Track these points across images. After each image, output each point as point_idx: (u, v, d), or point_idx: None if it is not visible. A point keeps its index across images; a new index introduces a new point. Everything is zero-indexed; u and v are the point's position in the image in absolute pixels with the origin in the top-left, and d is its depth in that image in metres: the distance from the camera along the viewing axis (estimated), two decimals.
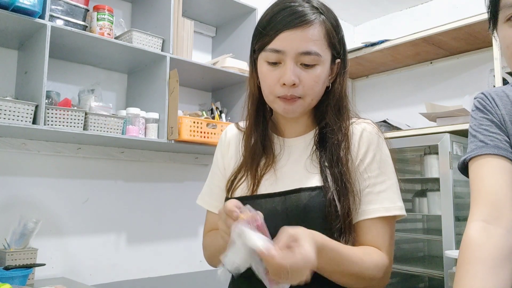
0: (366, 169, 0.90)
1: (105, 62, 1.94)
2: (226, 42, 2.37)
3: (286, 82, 0.86)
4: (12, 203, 1.68)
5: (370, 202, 0.88)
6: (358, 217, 0.88)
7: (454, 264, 1.96)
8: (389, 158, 0.93)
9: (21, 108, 1.45)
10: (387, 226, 0.88)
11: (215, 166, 1.07)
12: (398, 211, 0.88)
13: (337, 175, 0.88)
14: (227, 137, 1.06)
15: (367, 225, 0.88)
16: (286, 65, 0.87)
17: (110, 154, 1.95)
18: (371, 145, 0.92)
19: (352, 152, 0.91)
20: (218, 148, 1.07)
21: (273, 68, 0.89)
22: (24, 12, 1.45)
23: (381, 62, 2.79)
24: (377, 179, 0.90)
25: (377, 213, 0.87)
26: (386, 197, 0.89)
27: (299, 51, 0.86)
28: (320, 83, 0.89)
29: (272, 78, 0.89)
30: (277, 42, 0.87)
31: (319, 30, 0.87)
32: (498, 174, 0.72)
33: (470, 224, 0.71)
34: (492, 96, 0.80)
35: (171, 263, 2.13)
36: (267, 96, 0.93)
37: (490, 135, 0.76)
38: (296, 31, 0.85)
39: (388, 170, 0.91)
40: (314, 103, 0.92)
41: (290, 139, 0.98)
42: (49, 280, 1.65)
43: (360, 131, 0.93)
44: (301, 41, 0.85)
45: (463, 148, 2.17)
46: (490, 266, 0.64)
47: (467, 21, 2.13)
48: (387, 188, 0.90)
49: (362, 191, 0.89)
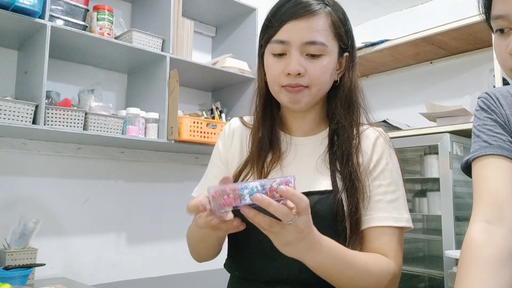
0: (379, 177, 0.89)
1: (105, 62, 1.93)
2: (226, 42, 2.36)
3: (291, 71, 0.85)
4: (12, 203, 1.68)
5: (380, 210, 0.87)
6: (367, 224, 0.87)
7: (454, 264, 1.96)
8: (399, 169, 0.92)
9: (21, 108, 1.45)
10: (396, 236, 0.87)
11: (214, 157, 1.04)
12: (405, 223, 0.87)
13: (347, 174, 0.87)
14: (231, 129, 1.03)
15: (376, 233, 0.86)
16: (291, 55, 0.85)
17: (110, 154, 1.94)
18: (384, 153, 0.91)
19: (364, 155, 0.90)
20: (220, 139, 1.04)
21: (279, 59, 0.87)
22: (24, 12, 1.45)
23: (381, 62, 2.79)
24: (388, 188, 0.89)
25: (386, 222, 0.86)
26: (395, 207, 0.88)
27: (304, 40, 0.85)
28: (327, 73, 0.87)
29: (277, 68, 0.87)
30: (282, 33, 0.86)
31: (324, 20, 0.86)
32: (501, 175, 0.72)
33: (472, 224, 0.70)
34: (497, 96, 0.80)
35: (171, 263, 2.13)
36: (272, 87, 0.91)
37: (494, 135, 0.76)
38: (300, 21, 0.85)
39: (399, 181, 0.91)
40: (321, 94, 0.90)
41: (297, 138, 0.96)
42: (49, 280, 1.65)
43: (375, 138, 0.92)
44: (306, 31, 0.84)
45: (463, 148, 2.17)
46: (492, 266, 0.64)
47: (467, 21, 2.13)
48: (397, 198, 0.89)
49: (372, 198, 0.88)
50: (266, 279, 0.87)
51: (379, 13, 3.12)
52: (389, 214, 0.87)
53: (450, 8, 2.67)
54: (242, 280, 0.93)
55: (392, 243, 0.86)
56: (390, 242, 0.86)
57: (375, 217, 0.86)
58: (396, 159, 0.93)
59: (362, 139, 0.92)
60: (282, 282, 0.86)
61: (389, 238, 0.86)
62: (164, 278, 2.09)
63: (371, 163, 0.90)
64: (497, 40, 0.70)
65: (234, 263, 0.95)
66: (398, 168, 0.92)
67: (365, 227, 0.87)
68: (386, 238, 0.86)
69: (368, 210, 0.87)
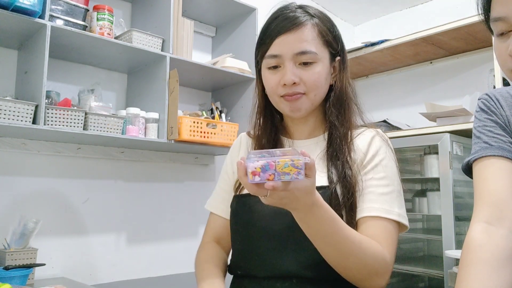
0: (372, 170, 0.92)
1: (105, 62, 1.93)
2: (226, 42, 2.36)
3: (286, 82, 0.91)
4: (12, 203, 1.68)
5: (370, 201, 0.89)
6: (359, 214, 0.89)
7: (454, 264, 1.96)
8: (395, 167, 0.95)
9: (21, 108, 1.45)
10: (388, 228, 0.88)
11: (223, 171, 1.11)
12: (397, 217, 0.88)
13: (339, 167, 0.90)
14: (239, 142, 1.11)
15: (367, 223, 0.88)
16: (285, 67, 0.91)
17: (110, 154, 1.95)
18: (380, 150, 0.94)
19: (359, 153, 0.93)
20: (229, 154, 1.12)
21: (274, 72, 0.94)
22: (24, 12, 1.45)
23: (381, 62, 2.79)
24: (381, 182, 0.91)
25: (376, 212, 0.87)
26: (387, 200, 0.89)
27: (295, 52, 0.90)
28: (321, 79, 0.93)
29: (274, 80, 0.93)
30: (274, 47, 0.92)
31: (311, 30, 0.92)
32: (502, 176, 0.72)
33: (472, 225, 0.71)
34: (497, 97, 0.80)
35: (171, 263, 2.13)
36: (272, 98, 0.97)
37: (494, 137, 0.76)
38: (289, 35, 0.91)
39: (393, 177, 0.93)
40: (318, 98, 0.95)
41: (299, 141, 1.01)
42: (49, 280, 1.65)
43: (371, 136, 0.96)
44: (295, 42, 0.91)
45: (463, 148, 2.17)
46: (492, 267, 0.64)
47: (467, 21, 2.13)
48: (390, 192, 0.90)
49: (364, 190, 0.90)
50: (266, 275, 0.89)
51: (379, 13, 3.12)
52: (379, 206, 0.88)
53: (450, 8, 2.67)
54: (243, 278, 0.95)
55: (383, 235, 0.86)
56: (381, 234, 0.86)
57: (365, 208, 0.89)
58: (393, 156, 0.96)
59: (358, 138, 0.96)
60: (282, 278, 0.88)
61: (380, 229, 0.87)
62: (164, 278, 2.09)
63: (365, 159, 0.93)
64: (497, 42, 0.70)
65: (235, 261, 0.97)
66: (394, 165, 0.95)
67: (357, 218, 0.89)
68: (377, 229, 0.87)
69: (360, 202, 0.89)
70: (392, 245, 0.88)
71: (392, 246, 0.88)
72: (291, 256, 0.87)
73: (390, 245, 0.87)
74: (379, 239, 0.86)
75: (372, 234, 0.86)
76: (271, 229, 0.89)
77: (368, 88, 3.08)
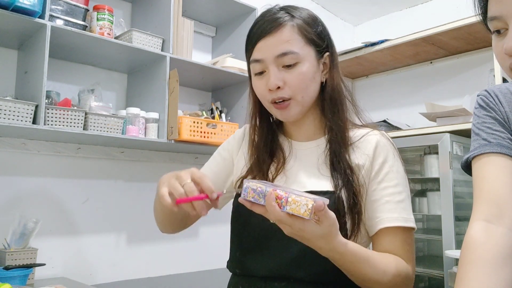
0: (385, 179, 0.91)
1: (105, 62, 1.93)
2: (226, 42, 2.36)
3: (270, 86, 0.90)
4: (12, 203, 1.68)
5: (389, 211, 0.88)
6: (378, 225, 0.88)
7: (454, 264, 1.96)
8: (404, 171, 0.94)
9: (21, 108, 1.45)
10: (409, 239, 0.89)
11: (217, 153, 1.10)
12: (413, 224, 0.89)
13: (342, 171, 0.89)
14: (243, 133, 1.08)
15: (389, 235, 0.87)
16: (269, 71, 0.91)
17: (110, 154, 1.95)
18: (389, 156, 0.93)
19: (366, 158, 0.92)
20: (230, 138, 1.10)
21: (260, 78, 0.93)
22: (24, 12, 1.45)
23: (381, 62, 2.79)
24: (395, 189, 0.90)
25: (397, 222, 0.87)
26: (404, 208, 0.89)
27: (275, 54, 0.90)
28: (306, 80, 0.91)
29: (261, 86, 0.93)
30: (256, 52, 0.92)
31: (290, 30, 0.90)
32: (501, 173, 0.71)
33: (472, 223, 0.70)
34: (496, 93, 0.79)
35: (171, 263, 2.13)
36: (264, 104, 0.96)
37: (493, 133, 0.76)
38: (269, 38, 0.90)
39: (405, 182, 0.93)
40: (308, 99, 0.94)
41: (299, 143, 1.00)
42: (49, 280, 1.65)
43: (376, 141, 0.94)
44: (275, 45, 0.90)
45: (463, 148, 2.17)
46: (492, 265, 0.63)
47: (467, 21, 2.13)
48: (404, 199, 0.90)
49: (380, 200, 0.89)
50: (264, 274, 0.89)
51: (379, 13, 3.12)
52: (398, 215, 0.88)
53: (450, 8, 2.67)
54: (241, 277, 0.95)
55: (405, 247, 0.87)
56: (403, 246, 0.87)
57: (385, 218, 0.88)
58: (400, 159, 0.95)
59: (362, 141, 0.94)
60: (279, 278, 0.88)
61: (401, 242, 0.87)
62: (164, 278, 2.09)
63: (375, 166, 0.92)
64: (495, 40, 0.70)
65: (234, 260, 0.97)
66: (403, 169, 0.94)
67: (376, 229, 0.88)
68: (399, 242, 0.87)
69: (377, 212, 0.88)
70: (412, 255, 0.89)
71: (413, 256, 0.89)
72: (290, 256, 0.87)
73: (411, 256, 0.88)
74: (401, 252, 0.86)
75: (393, 247, 0.87)
76: (270, 229, 0.89)
77: (368, 88, 3.08)
